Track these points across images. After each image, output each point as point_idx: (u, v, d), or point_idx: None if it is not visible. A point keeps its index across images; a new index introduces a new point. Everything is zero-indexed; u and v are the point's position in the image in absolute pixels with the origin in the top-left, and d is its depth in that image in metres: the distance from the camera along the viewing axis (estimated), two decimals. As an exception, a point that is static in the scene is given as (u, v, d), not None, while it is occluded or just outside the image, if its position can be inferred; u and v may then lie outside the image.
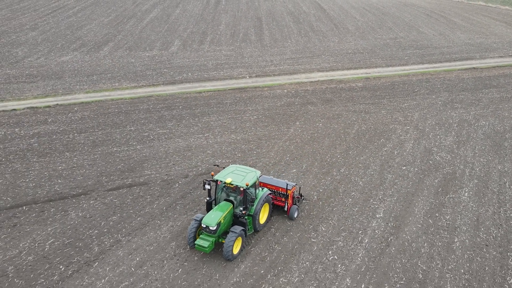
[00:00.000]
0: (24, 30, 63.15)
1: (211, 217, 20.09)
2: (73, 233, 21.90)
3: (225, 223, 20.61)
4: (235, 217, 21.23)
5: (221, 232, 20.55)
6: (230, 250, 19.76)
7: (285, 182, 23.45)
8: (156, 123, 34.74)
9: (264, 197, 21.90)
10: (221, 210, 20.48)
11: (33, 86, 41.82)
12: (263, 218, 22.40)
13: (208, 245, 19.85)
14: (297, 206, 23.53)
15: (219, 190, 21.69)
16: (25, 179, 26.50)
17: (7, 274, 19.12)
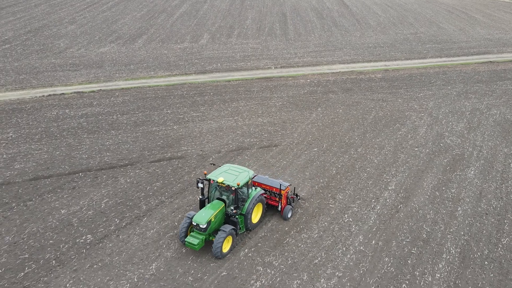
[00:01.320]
0: (63, 23, 67.51)
1: (201, 215, 20.36)
2: (123, 194, 25.50)
3: (216, 221, 20.81)
4: (227, 216, 21.43)
5: (212, 230, 20.74)
6: (219, 248, 20.00)
7: (278, 182, 23.68)
8: (190, 107, 38.23)
9: (256, 197, 22.10)
10: (212, 209, 20.76)
11: (77, 74, 45.80)
12: (256, 217, 22.66)
13: (197, 243, 20.12)
14: (291, 207, 23.73)
15: (212, 189, 21.94)
16: (79, 151, 30.25)
17: (72, 224, 22.80)
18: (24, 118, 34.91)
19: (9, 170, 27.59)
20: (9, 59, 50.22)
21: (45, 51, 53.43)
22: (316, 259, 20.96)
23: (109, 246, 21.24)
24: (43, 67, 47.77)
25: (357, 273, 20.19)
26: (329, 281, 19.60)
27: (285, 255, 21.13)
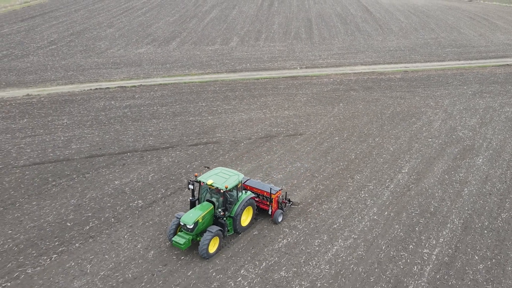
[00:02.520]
0: (102, 27, 72.45)
1: (189, 216, 20.84)
2: (167, 171, 29.26)
3: (203, 222, 21.19)
4: (215, 218, 21.85)
5: (199, 231, 21.15)
6: (205, 249, 20.45)
7: (269, 186, 24.08)
8: (222, 101, 41.96)
9: (246, 200, 22.51)
10: (200, 210, 21.24)
11: (118, 71, 50.14)
12: (246, 220, 23.05)
13: (183, 242, 20.60)
14: (281, 211, 24.00)
15: (203, 191, 22.38)
16: (125, 136, 34.21)
17: (125, 192, 26.62)
18: (76, 108, 39.15)
19: (67, 149, 31.69)
20: (57, 58, 54.98)
21: (88, 51, 58.11)
22: (335, 224, 24.22)
23: (157, 209, 24.94)
24: (88, 65, 52.29)
25: (370, 236, 23.36)
26: (346, 241, 22.84)
27: (308, 220, 24.46)
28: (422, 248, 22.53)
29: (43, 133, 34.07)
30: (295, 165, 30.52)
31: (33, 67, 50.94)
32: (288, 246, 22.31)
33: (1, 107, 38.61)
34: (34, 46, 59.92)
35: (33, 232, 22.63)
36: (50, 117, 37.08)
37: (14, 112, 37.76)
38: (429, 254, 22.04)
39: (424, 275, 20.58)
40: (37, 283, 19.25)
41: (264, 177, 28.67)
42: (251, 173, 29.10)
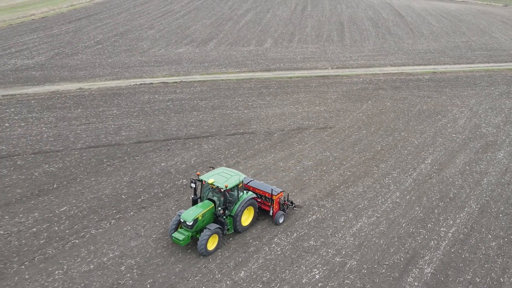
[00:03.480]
0: (143, 28, 76.62)
1: (189, 213, 21.44)
2: (207, 156, 32.29)
3: (203, 220, 21.69)
4: (216, 216, 22.39)
5: (199, 228, 21.65)
6: (204, 246, 20.99)
7: (271, 188, 24.49)
8: (257, 96, 44.86)
9: (246, 200, 22.96)
10: (201, 208, 21.82)
11: (160, 69, 53.76)
12: (247, 220, 23.52)
13: (183, 239, 21.13)
14: (282, 212, 24.40)
15: (205, 190, 22.99)
16: (169, 125, 37.47)
17: (171, 172, 29.76)
18: (123, 100, 42.77)
19: (117, 135, 35.16)
20: (103, 56, 59.12)
21: (131, 51, 62.11)
22: (360, 205, 26.67)
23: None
24: (132, 63, 56.16)
25: (392, 215, 25.71)
26: (369, 219, 25.26)
27: (335, 201, 26.99)
28: (439, 227, 24.71)
29: (96, 122, 37.68)
30: (324, 154, 33.06)
31: (83, 64, 55.10)
32: (316, 221, 24.90)
33: (58, 99, 42.57)
34: (82, 46, 64.32)
35: (94, 202, 25.98)
36: (101, 108, 40.75)
37: (69, 103, 41.63)
38: (446, 232, 24.22)
39: (439, 249, 22.81)
40: (100, 241, 22.47)
41: (295, 165, 31.32)
42: (283, 160, 31.83)
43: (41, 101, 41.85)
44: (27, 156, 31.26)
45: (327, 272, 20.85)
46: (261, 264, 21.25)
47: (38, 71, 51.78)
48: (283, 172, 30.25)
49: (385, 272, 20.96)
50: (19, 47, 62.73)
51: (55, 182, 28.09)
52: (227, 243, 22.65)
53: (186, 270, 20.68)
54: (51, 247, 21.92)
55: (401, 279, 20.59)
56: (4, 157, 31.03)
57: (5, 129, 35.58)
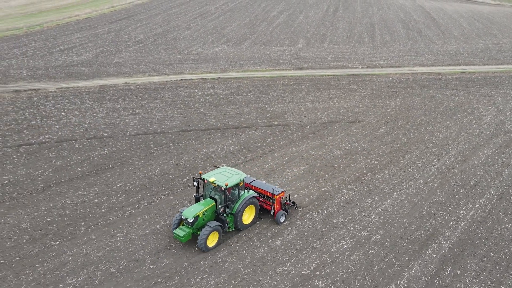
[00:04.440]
0: (181, 29, 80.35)
1: (190, 210, 22.11)
2: (245, 144, 35.17)
3: (204, 217, 22.32)
4: (217, 214, 23.00)
5: (199, 225, 22.27)
6: (204, 242, 21.63)
7: (272, 187, 24.97)
8: (290, 92, 47.55)
9: (247, 199, 23.51)
10: (202, 205, 22.50)
11: (198, 66, 57.08)
12: (248, 219, 24.13)
13: (183, 235, 21.78)
14: (284, 212, 24.91)
15: (207, 188, 23.51)
16: (209, 117, 40.54)
17: (212, 157, 32.76)
18: (166, 94, 46.15)
19: (162, 125, 38.44)
20: (145, 54, 62.91)
21: (171, 49, 65.75)
22: (385, 189, 29.01)
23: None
24: (172, 60, 59.70)
25: (415, 199, 27.97)
26: (394, 201, 27.60)
27: (363, 185, 29.42)
28: (459, 210, 26.85)
29: (142, 112, 41.10)
30: (353, 145, 35.49)
31: (127, 61, 58.96)
32: (345, 201, 27.42)
33: (106, 92, 46.30)
34: (125, 44, 68.38)
35: (145, 180, 29.20)
36: (145, 100, 44.21)
37: (117, 95, 45.27)
38: (465, 215, 26.35)
39: (458, 228, 24.99)
40: (153, 212, 25.60)
41: (326, 153, 33.86)
42: (315, 149, 34.43)
43: (92, 94, 45.63)
44: (84, 141, 34.82)
45: (354, 243, 23.36)
46: (295, 235, 23.94)
47: (86, 67, 55.81)
48: (314, 159, 32.84)
49: (406, 245, 23.32)
50: (67, 45, 67.18)
51: (110, 162, 31.49)
52: (263, 217, 25.37)
53: (229, 237, 23.54)
54: (112, 215, 25.16)
55: (421, 251, 22.91)
56: (64, 141, 34.68)
57: (62, 117, 39.35)
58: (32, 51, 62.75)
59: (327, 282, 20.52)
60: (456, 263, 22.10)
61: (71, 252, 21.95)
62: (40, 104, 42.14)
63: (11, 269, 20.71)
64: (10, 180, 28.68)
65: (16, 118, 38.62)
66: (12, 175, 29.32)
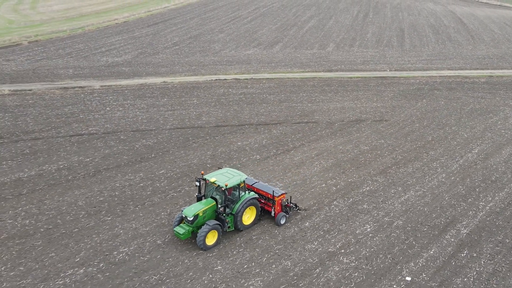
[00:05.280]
0: (214, 32, 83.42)
1: (190, 209, 22.75)
2: (276, 138, 37.47)
3: (204, 216, 22.85)
4: (217, 214, 23.52)
5: (199, 224, 22.77)
6: (202, 240, 22.16)
7: (272, 189, 25.36)
8: (320, 93, 49.68)
9: (248, 200, 23.92)
10: (202, 205, 23.12)
11: (232, 67, 59.81)
12: (249, 219, 24.57)
13: (183, 233, 22.39)
14: (284, 214, 25.24)
15: (209, 188, 24.07)
16: (242, 114, 43.06)
17: (246, 149, 35.19)
18: (202, 92, 48.97)
19: (199, 120, 41.16)
20: (181, 56, 66.10)
21: (205, 52, 68.78)
22: (409, 181, 30.84)
23: (270, 162, 33.17)
24: (206, 62, 62.66)
25: (437, 191, 29.71)
26: (416, 192, 29.43)
27: (387, 177, 31.32)
28: (478, 201, 28.48)
29: (180, 109, 43.96)
30: (379, 141, 37.38)
31: (164, 62, 62.21)
32: (369, 191, 29.41)
33: (146, 90, 49.45)
34: (162, 46, 71.78)
35: (185, 168, 31.88)
36: (183, 98, 47.12)
37: (156, 93, 48.35)
38: (484, 206, 27.98)
39: (476, 217, 26.66)
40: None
41: (353, 148, 35.86)
42: (342, 144, 36.50)
43: (133, 91, 48.83)
44: (128, 133, 37.82)
45: (377, 227, 25.37)
46: (322, 219, 26.11)
47: (126, 67, 59.26)
48: (342, 154, 34.92)
49: (426, 230, 25.18)
50: (108, 47, 71.00)
51: (152, 152, 34.34)
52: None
53: (261, 218, 25.88)
54: (156, 197, 27.88)
55: (440, 236, 24.74)
56: (110, 132, 37.76)
57: (107, 112, 42.56)
58: (76, 52, 66.74)
59: (352, 258, 22.61)
60: (473, 247, 23.83)
61: (122, 226, 24.70)
62: (86, 100, 45.51)
63: (72, 238, 23.59)
64: (65, 165, 31.80)
65: (66, 112, 42.00)
66: (66, 161, 32.46)
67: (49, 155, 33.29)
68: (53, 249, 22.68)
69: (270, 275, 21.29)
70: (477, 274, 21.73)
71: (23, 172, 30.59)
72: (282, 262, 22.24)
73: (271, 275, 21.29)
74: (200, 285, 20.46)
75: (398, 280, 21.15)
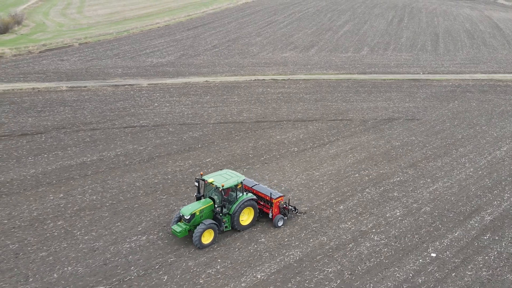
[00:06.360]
0: (252, 36, 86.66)
1: (188, 208, 23.39)
2: (312, 133, 40.12)
3: (201, 215, 23.34)
4: (214, 213, 23.98)
5: (196, 222, 23.27)
6: (198, 238, 22.69)
7: (270, 191, 25.89)
8: (354, 93, 52.04)
9: (245, 201, 24.35)
10: (200, 204, 23.69)
11: (269, 69, 62.80)
12: (247, 220, 25.00)
13: (180, 231, 22.95)
14: (282, 216, 25.56)
15: (208, 188, 24.51)
16: (280, 111, 45.89)
17: (284, 143, 37.98)
18: (242, 91, 52.11)
19: (240, 116, 44.22)
20: (220, 57, 69.56)
21: (244, 54, 72.06)
22: (437, 174, 32.93)
23: (307, 154, 35.86)
24: (245, 63, 65.86)
25: (464, 183, 31.72)
26: (444, 184, 31.52)
27: (417, 170, 33.49)
28: (504, 193, 30.36)
29: (222, 105, 47.18)
30: (410, 138, 39.52)
31: (205, 63, 65.78)
32: (400, 181, 31.71)
33: (190, 88, 52.97)
34: (202, 49, 75.49)
35: (229, 157, 34.94)
36: (224, 96, 50.35)
37: (200, 91, 51.78)
38: (508, 197, 29.86)
39: (501, 207, 28.60)
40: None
41: (385, 144, 38.14)
42: (375, 140, 38.82)
43: (178, 89, 52.42)
44: (175, 126, 41.23)
45: (406, 212, 27.71)
46: (355, 203, 28.63)
47: (170, 67, 63.07)
48: (374, 148, 37.28)
49: (452, 216, 27.35)
50: (152, 49, 75.20)
51: (199, 143, 37.58)
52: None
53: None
54: (204, 181, 30.95)
55: (465, 221, 26.87)
56: (159, 125, 41.26)
57: (155, 107, 46.19)
58: (123, 53, 71.13)
59: (382, 236, 25.07)
60: (495, 231, 25.88)
61: (176, 204, 27.89)
62: (136, 96, 49.32)
63: (133, 212, 26.95)
64: (122, 152, 35.40)
65: (118, 107, 45.84)
66: (122, 148, 36.06)
67: (107, 143, 36.97)
68: (119, 220, 26.05)
69: (308, 247, 23.99)
70: (497, 254, 23.80)
71: (86, 157, 34.30)
72: (318, 237, 24.91)
73: (309, 247, 23.99)
74: (247, 253, 23.35)
75: (424, 255, 23.48)
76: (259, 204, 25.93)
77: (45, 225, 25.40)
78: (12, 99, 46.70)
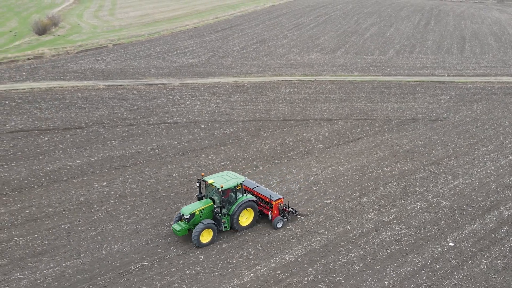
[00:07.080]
0: (279, 38, 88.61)
1: (188, 208, 23.98)
2: (338, 132, 41.77)
3: (201, 215, 23.91)
4: (214, 214, 24.44)
5: (196, 222, 23.82)
6: (197, 237, 23.29)
7: (270, 193, 26.31)
8: (379, 94, 53.42)
9: (244, 202, 24.80)
10: (200, 204, 24.28)
11: (296, 70, 64.62)
12: (246, 221, 25.47)
13: (179, 230, 23.54)
14: (281, 218, 25.88)
15: (209, 189, 25.06)
16: (306, 110, 47.63)
17: (310, 140, 39.79)
18: (269, 91, 54.08)
19: (268, 114, 46.19)
20: (249, 59, 71.73)
21: (271, 55, 74.07)
22: (458, 171, 34.23)
23: (332, 151, 37.58)
24: (273, 65, 67.86)
25: (485, 180, 32.94)
26: (465, 181, 32.82)
27: (438, 167, 34.84)
28: (523, 190, 31.53)
29: (251, 104, 49.25)
30: (433, 137, 40.81)
31: (234, 64, 68.03)
32: (421, 177, 33.15)
33: (220, 88, 55.25)
34: (230, 50, 77.82)
35: (258, 152, 36.97)
36: (253, 95, 52.43)
37: (229, 91, 53.99)
38: (528, 194, 31.03)
39: (519, 203, 29.84)
40: (266, 173, 33.05)
41: (408, 142, 39.55)
42: (398, 139, 40.26)
43: (208, 89, 54.76)
44: (207, 123, 43.48)
45: (426, 205, 29.20)
46: (378, 197, 30.24)
47: (200, 68, 65.54)
48: (397, 146, 38.75)
49: (471, 210, 28.72)
50: (182, 50, 77.93)
51: (229, 139, 39.72)
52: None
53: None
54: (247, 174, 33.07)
55: (483, 215, 28.20)
56: (192, 122, 43.59)
57: (187, 105, 48.58)
58: (155, 54, 74.02)
59: (402, 227, 26.68)
60: (513, 225, 27.18)
61: (209, 193, 29.98)
62: (169, 95, 51.84)
63: (171, 199, 29.22)
64: (157, 146, 37.81)
65: (152, 105, 48.40)
66: (158, 143, 38.48)
67: (144, 137, 39.46)
68: (158, 206, 28.35)
69: (332, 234, 25.80)
70: (513, 245, 25.14)
71: (125, 150, 36.83)
72: (342, 226, 26.68)
73: (333, 234, 25.79)
74: (276, 238, 25.30)
75: (442, 245, 24.99)
76: (259, 205, 26.37)
77: (92, 209, 27.89)
78: (54, 96, 49.80)
